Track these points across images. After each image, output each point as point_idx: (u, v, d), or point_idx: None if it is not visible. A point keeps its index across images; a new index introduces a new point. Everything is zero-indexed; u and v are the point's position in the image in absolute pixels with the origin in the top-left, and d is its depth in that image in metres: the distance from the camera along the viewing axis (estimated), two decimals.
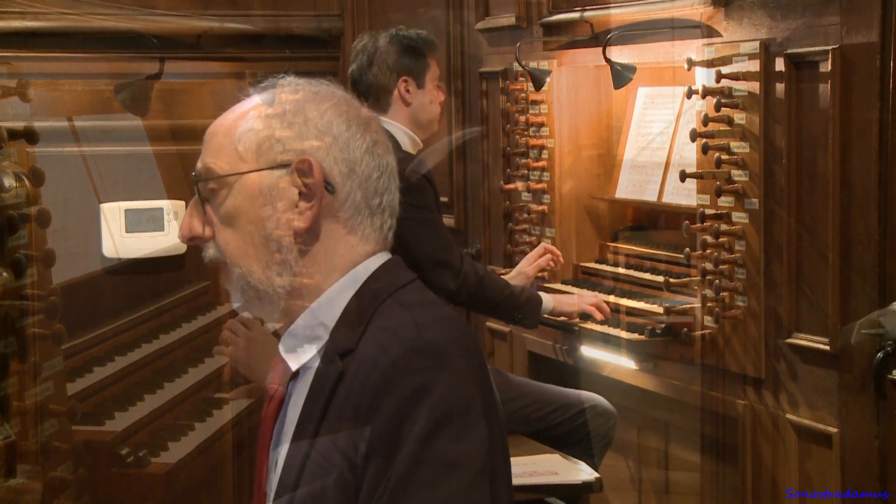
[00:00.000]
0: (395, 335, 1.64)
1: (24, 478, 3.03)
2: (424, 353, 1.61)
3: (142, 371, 4.49)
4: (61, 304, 3.19)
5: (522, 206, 4.37)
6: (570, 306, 3.84)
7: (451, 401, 1.59)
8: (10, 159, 3.15)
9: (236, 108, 1.78)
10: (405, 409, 1.57)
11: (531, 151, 4.33)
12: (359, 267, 1.73)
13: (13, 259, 3.04)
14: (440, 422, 1.57)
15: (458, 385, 1.60)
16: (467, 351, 1.66)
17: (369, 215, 1.74)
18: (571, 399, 3.81)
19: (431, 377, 1.59)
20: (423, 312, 1.69)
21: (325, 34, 5.48)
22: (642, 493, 4.01)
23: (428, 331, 1.64)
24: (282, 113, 1.73)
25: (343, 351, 1.67)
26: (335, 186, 1.71)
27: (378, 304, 1.70)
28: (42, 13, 4.63)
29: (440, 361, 1.61)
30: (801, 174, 3.13)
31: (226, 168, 1.73)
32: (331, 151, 1.71)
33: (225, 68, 5.19)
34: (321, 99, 1.75)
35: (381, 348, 1.63)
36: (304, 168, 1.69)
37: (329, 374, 1.67)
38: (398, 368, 1.59)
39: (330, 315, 1.72)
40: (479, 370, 1.66)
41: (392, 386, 1.58)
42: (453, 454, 1.57)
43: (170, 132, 4.99)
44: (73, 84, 4.68)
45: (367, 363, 1.62)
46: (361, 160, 1.73)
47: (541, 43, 4.27)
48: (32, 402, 3.14)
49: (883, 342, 2.88)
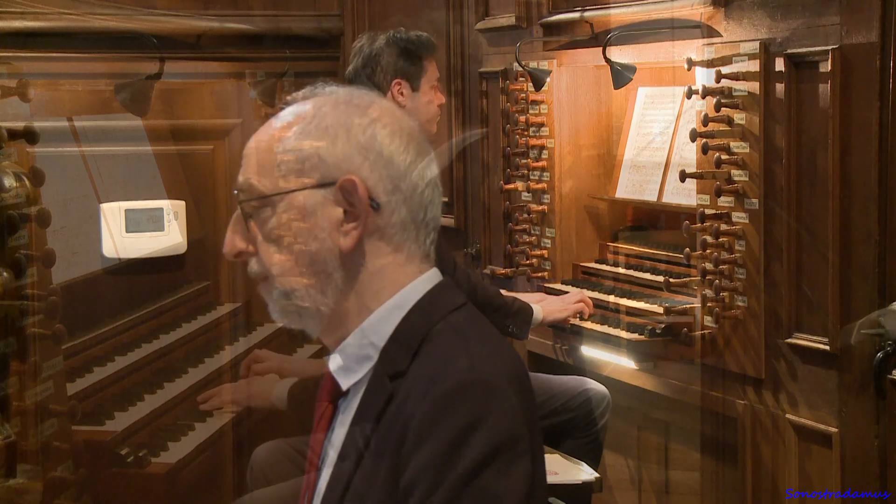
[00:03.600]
0: (449, 364, 1.62)
1: (24, 478, 3.03)
2: (478, 387, 1.59)
3: (142, 371, 4.49)
4: (61, 304, 3.19)
5: (522, 206, 4.37)
6: (560, 313, 3.84)
7: (500, 435, 1.57)
8: (10, 159, 3.15)
9: (277, 121, 1.74)
10: (455, 441, 1.55)
11: (531, 151, 4.33)
12: (409, 287, 1.71)
13: (13, 259, 3.04)
14: (488, 456, 1.55)
15: (509, 420, 1.59)
16: (519, 384, 1.64)
17: (414, 231, 1.72)
18: (559, 389, 3.79)
19: (483, 411, 1.57)
20: (477, 342, 1.67)
21: (325, 34, 5.48)
22: (642, 493, 4.01)
23: (483, 362, 1.62)
24: (324, 129, 1.69)
25: (393, 373, 1.65)
26: (380, 204, 1.67)
27: (430, 326, 1.68)
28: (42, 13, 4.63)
29: (493, 395, 1.58)
30: (801, 174, 3.13)
31: (268, 186, 1.69)
32: (375, 168, 1.68)
33: (225, 68, 5.19)
34: (363, 111, 1.71)
35: (434, 377, 1.60)
36: (348, 187, 1.66)
37: (378, 395, 1.65)
38: (451, 400, 1.57)
39: (380, 335, 1.69)
40: (528, 404, 1.65)
41: (444, 417, 1.56)
42: (497, 489, 1.55)
43: (170, 132, 5.00)
44: (73, 84, 4.68)
45: (419, 390, 1.60)
46: (406, 175, 1.70)
47: (541, 43, 4.27)
48: (32, 402, 3.14)
49: (883, 342, 2.88)
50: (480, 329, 1.72)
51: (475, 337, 1.68)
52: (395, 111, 1.75)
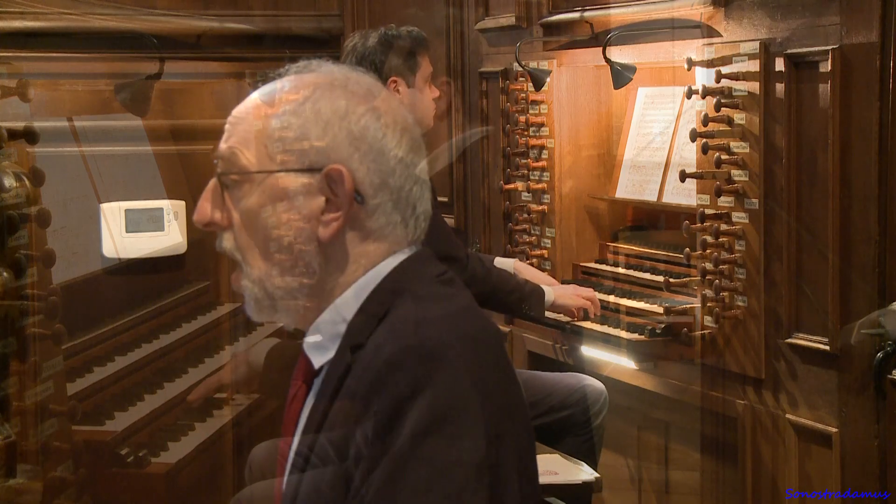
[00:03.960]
0: (394, 331, 1.57)
1: (24, 478, 3.03)
2: (418, 353, 1.53)
3: (142, 371, 4.49)
4: (61, 304, 3.19)
5: (522, 206, 4.37)
6: (570, 299, 3.85)
7: (442, 404, 1.50)
8: (10, 159, 3.14)
9: (269, 94, 1.68)
10: (394, 411, 1.50)
11: (531, 151, 4.33)
12: (384, 262, 1.67)
13: (13, 259, 3.04)
14: (432, 423, 1.49)
15: (455, 385, 1.52)
16: (474, 348, 1.57)
17: (400, 224, 1.67)
18: (557, 386, 3.80)
19: (425, 377, 1.51)
20: (433, 307, 1.61)
21: (325, 34, 5.48)
22: (642, 493, 4.01)
23: (430, 327, 1.56)
24: (317, 112, 1.64)
25: (354, 345, 1.61)
26: (365, 197, 1.63)
27: (395, 298, 1.63)
28: (42, 13, 4.63)
29: (436, 360, 1.52)
30: (801, 174, 3.13)
31: (252, 161, 1.64)
32: (364, 161, 1.63)
33: (225, 68, 5.19)
34: (361, 99, 1.66)
35: (379, 345, 1.56)
36: (335, 176, 1.61)
37: (339, 367, 1.62)
38: (391, 366, 1.52)
39: (351, 310, 1.65)
40: (486, 369, 1.57)
41: (383, 387, 1.51)
42: (445, 457, 1.49)
43: (170, 132, 4.99)
44: (73, 84, 4.68)
45: (366, 360, 1.56)
46: (395, 170, 1.65)
47: (541, 43, 4.27)
48: (32, 402, 3.14)
49: (883, 342, 2.88)
50: (442, 294, 1.66)
51: (433, 302, 1.62)
52: (391, 101, 1.70)
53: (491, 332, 1.65)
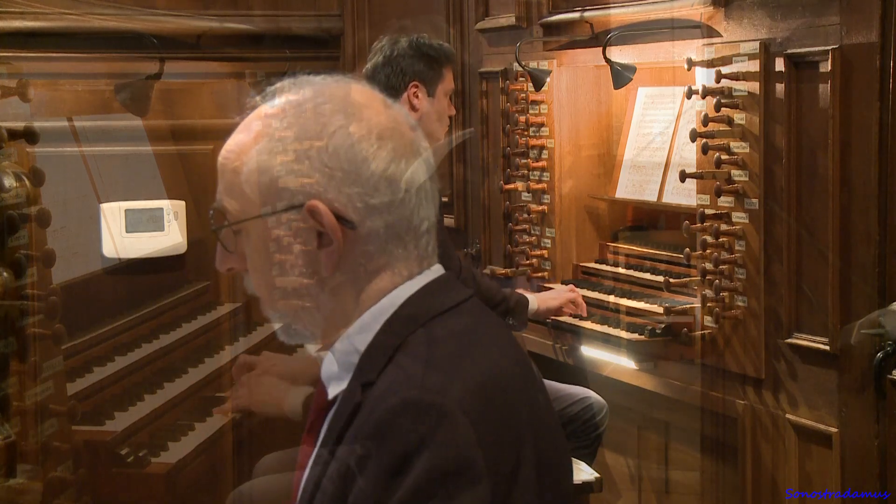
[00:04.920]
0: (401, 379, 1.50)
1: (24, 478, 3.03)
2: (423, 407, 1.45)
3: (142, 371, 4.49)
4: (61, 304, 3.19)
5: (522, 206, 4.37)
6: (553, 301, 3.89)
7: (445, 461, 1.43)
8: (10, 159, 3.14)
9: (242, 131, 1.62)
10: (394, 466, 1.43)
11: (531, 151, 4.33)
12: (396, 291, 1.59)
13: (13, 259, 3.04)
14: (430, 483, 1.42)
15: (456, 444, 1.44)
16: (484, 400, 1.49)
17: (400, 241, 1.59)
18: (561, 394, 3.81)
19: (427, 433, 1.43)
20: (446, 348, 1.53)
21: (325, 34, 5.48)
22: (642, 493, 4.01)
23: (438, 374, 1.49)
24: (284, 144, 1.56)
25: (364, 382, 1.54)
26: (353, 223, 1.55)
27: (407, 334, 1.56)
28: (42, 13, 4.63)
29: (441, 416, 1.44)
30: (801, 174, 3.13)
31: (237, 210, 1.60)
32: (341, 187, 1.54)
33: (225, 68, 5.19)
34: (328, 119, 1.57)
35: (385, 391, 1.50)
36: (314, 211, 1.54)
37: (348, 405, 1.55)
38: (394, 421, 1.45)
39: (363, 341, 1.59)
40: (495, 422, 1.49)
41: (385, 438, 1.45)
42: None
43: (170, 132, 5.00)
44: (73, 84, 4.68)
45: (371, 405, 1.50)
46: (377, 189, 1.55)
47: (541, 43, 4.27)
48: (32, 402, 3.14)
49: (883, 342, 2.88)
50: (460, 336, 1.57)
51: (445, 347, 1.54)
52: (369, 107, 1.59)
53: (508, 375, 1.57)
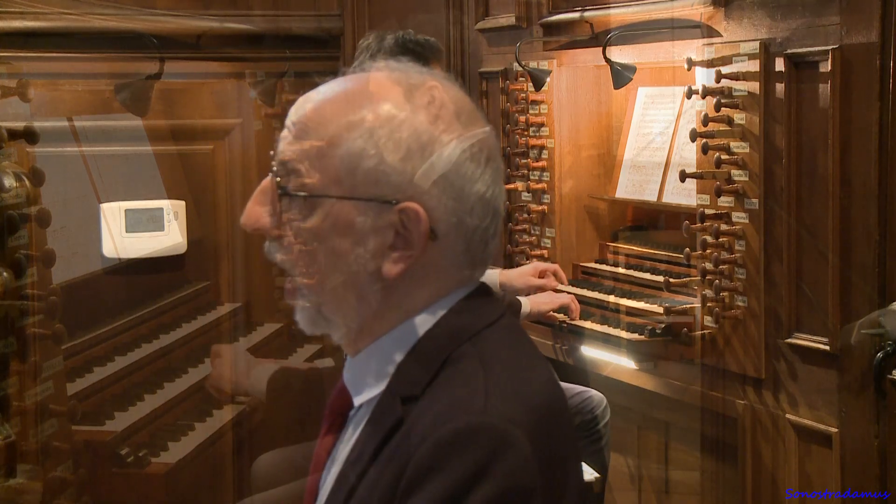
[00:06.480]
0: (461, 401, 1.41)
1: (24, 478, 3.03)
2: (487, 433, 1.37)
3: (142, 371, 4.49)
4: (61, 304, 3.19)
5: (522, 206, 4.37)
6: (545, 305, 3.90)
7: (507, 489, 1.36)
8: (10, 159, 3.14)
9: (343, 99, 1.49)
10: (455, 492, 1.35)
11: (531, 151, 4.33)
12: (441, 300, 1.51)
13: (13, 259, 3.04)
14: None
15: (520, 471, 1.37)
16: (546, 427, 1.44)
17: (471, 259, 1.51)
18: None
19: (489, 460, 1.36)
20: (501, 375, 1.44)
21: (325, 34, 5.48)
22: (642, 493, 4.01)
23: (500, 404, 1.40)
24: (398, 140, 1.46)
25: (407, 396, 1.45)
26: (437, 235, 1.46)
27: (454, 346, 1.47)
28: (42, 13, 4.63)
29: (504, 443, 1.37)
30: (801, 174, 3.13)
31: (318, 181, 1.47)
32: (442, 199, 1.46)
33: (225, 68, 5.19)
34: (445, 125, 1.48)
35: (443, 413, 1.40)
36: (410, 215, 1.45)
37: (387, 417, 1.46)
38: (456, 445, 1.37)
39: (401, 350, 1.50)
40: (554, 448, 1.44)
41: (446, 463, 1.36)
42: None
43: (170, 132, 4.99)
44: (73, 84, 4.68)
45: (426, 425, 1.41)
46: (473, 209, 1.48)
47: (541, 43, 4.27)
48: (32, 402, 3.14)
49: (883, 342, 2.88)
50: (510, 356, 1.49)
51: (501, 368, 1.46)
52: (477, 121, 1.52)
53: (555, 397, 1.51)
